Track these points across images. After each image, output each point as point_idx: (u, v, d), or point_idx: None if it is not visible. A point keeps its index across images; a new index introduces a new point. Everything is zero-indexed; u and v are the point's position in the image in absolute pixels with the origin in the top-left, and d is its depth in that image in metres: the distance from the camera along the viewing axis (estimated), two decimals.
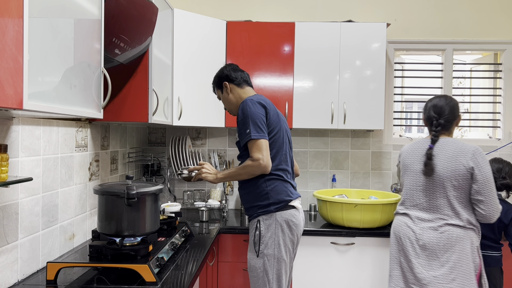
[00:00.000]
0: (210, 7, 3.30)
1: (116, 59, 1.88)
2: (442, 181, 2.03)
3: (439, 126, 2.10)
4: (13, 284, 1.58)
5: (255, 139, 1.93)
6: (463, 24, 3.27)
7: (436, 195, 2.05)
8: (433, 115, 2.11)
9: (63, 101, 1.33)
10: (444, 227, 2.01)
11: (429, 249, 2.02)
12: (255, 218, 2.02)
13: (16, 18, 1.06)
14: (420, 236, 2.05)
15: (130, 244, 1.75)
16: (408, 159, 2.18)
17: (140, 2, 1.87)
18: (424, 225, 2.06)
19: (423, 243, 2.04)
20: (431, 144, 2.09)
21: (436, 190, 2.05)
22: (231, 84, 2.15)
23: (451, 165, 2.02)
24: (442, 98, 2.13)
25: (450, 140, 2.09)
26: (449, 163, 2.02)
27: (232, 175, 2.05)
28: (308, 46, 2.90)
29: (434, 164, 2.04)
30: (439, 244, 2.00)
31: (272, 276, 1.95)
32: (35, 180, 1.70)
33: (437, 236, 2.01)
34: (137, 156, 3.02)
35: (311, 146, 3.29)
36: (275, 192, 1.99)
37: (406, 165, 2.19)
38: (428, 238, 2.03)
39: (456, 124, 2.15)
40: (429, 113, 2.14)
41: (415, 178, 2.13)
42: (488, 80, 3.43)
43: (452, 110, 2.10)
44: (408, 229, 2.10)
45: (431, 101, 2.16)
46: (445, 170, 2.02)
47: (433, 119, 2.12)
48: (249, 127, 1.94)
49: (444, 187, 2.03)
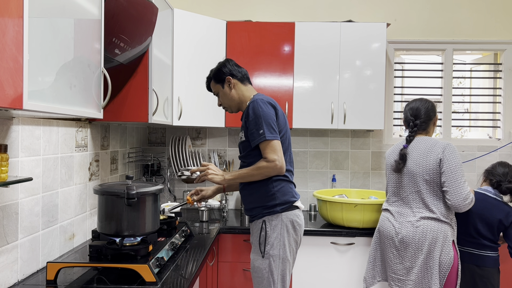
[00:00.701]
0: (210, 7, 3.31)
1: (116, 59, 1.88)
2: (414, 176, 2.18)
3: (415, 127, 2.27)
4: (13, 284, 1.58)
5: (269, 140, 1.90)
6: (463, 24, 3.27)
7: (411, 190, 2.20)
8: (410, 117, 2.29)
9: (63, 101, 1.33)
10: (420, 221, 2.14)
11: (406, 243, 2.16)
12: (260, 219, 1.99)
13: (16, 18, 1.06)
14: (399, 230, 2.19)
15: (130, 244, 1.75)
16: (389, 159, 2.36)
17: (140, 2, 1.87)
18: (403, 219, 2.20)
19: (402, 237, 2.17)
20: (405, 144, 2.26)
21: (409, 185, 2.21)
22: (235, 79, 2.08)
23: (422, 160, 2.17)
24: (418, 101, 2.31)
25: (424, 138, 2.25)
26: (421, 159, 2.17)
27: (243, 176, 1.98)
28: (308, 46, 2.90)
29: (406, 162, 2.21)
30: (414, 237, 2.13)
31: (277, 277, 1.94)
32: (35, 180, 1.70)
33: (413, 230, 2.15)
34: (137, 156, 3.02)
35: (311, 146, 3.29)
36: (281, 193, 1.97)
37: (387, 164, 2.37)
38: (406, 232, 2.16)
39: (434, 124, 2.31)
40: (406, 116, 2.32)
41: (393, 176, 2.31)
42: (488, 80, 3.43)
43: (427, 112, 2.26)
44: (389, 224, 2.26)
45: (409, 104, 2.33)
46: (417, 166, 2.18)
47: (409, 121, 2.29)
48: (262, 128, 1.90)
49: (416, 182, 2.18)
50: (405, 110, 2.34)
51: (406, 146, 2.24)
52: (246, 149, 2.02)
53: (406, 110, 2.33)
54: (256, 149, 1.96)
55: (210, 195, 2.28)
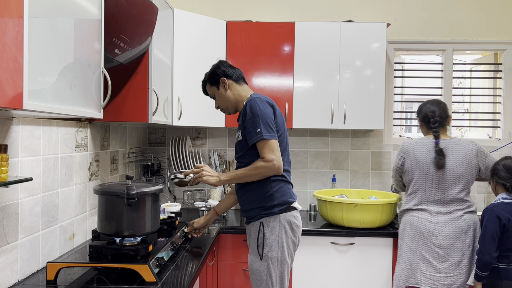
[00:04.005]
0: (210, 7, 3.31)
1: (116, 59, 1.88)
2: (455, 174, 2.24)
3: (436, 122, 2.32)
4: (13, 284, 1.58)
5: (267, 139, 1.86)
6: (463, 24, 3.27)
7: (453, 188, 2.25)
8: (430, 114, 2.34)
9: (63, 101, 1.33)
10: (463, 216, 2.23)
11: (453, 239, 2.21)
12: (257, 220, 1.95)
13: (16, 18, 1.06)
14: (444, 227, 2.23)
15: (130, 244, 1.75)
16: (421, 158, 2.30)
17: (140, 2, 1.87)
18: (446, 217, 2.24)
19: (447, 234, 2.21)
20: (436, 140, 2.29)
21: (451, 183, 2.25)
22: (230, 80, 2.05)
23: (464, 161, 2.26)
24: (434, 101, 2.41)
25: (454, 138, 2.34)
26: (461, 158, 2.26)
27: (240, 177, 1.94)
28: (308, 46, 2.90)
29: (446, 159, 2.25)
30: (461, 232, 2.21)
31: (275, 279, 1.93)
32: (35, 180, 1.70)
33: (459, 226, 2.21)
34: (137, 156, 3.02)
35: (311, 146, 3.29)
36: (280, 194, 1.94)
37: (418, 163, 2.30)
38: (451, 229, 2.21)
39: (448, 123, 2.39)
40: (425, 113, 2.37)
41: (427, 173, 2.28)
42: (488, 80, 3.43)
43: (444, 110, 2.37)
44: (430, 224, 2.25)
45: (425, 104, 2.41)
46: (459, 166, 2.25)
47: (430, 117, 2.34)
48: (259, 127, 1.86)
49: (457, 180, 2.25)
50: (421, 109, 2.40)
51: (437, 142, 2.28)
52: (243, 149, 1.98)
53: (422, 109, 2.39)
54: (253, 148, 1.93)
55: (202, 224, 2.19)
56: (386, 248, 2.63)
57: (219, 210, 2.19)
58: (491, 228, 2.10)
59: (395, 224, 2.77)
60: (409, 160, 2.33)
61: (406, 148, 2.36)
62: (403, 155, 2.37)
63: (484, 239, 2.11)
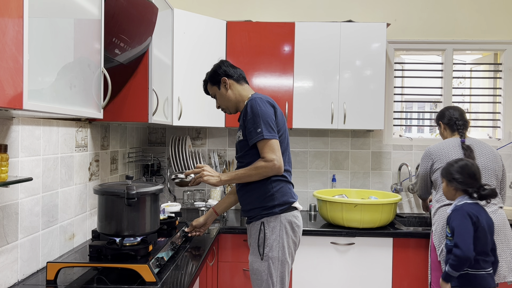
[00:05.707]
0: (210, 7, 3.31)
1: (116, 59, 1.88)
2: (485, 167, 2.35)
3: (461, 125, 2.50)
4: (13, 284, 1.58)
5: (267, 139, 1.86)
6: (463, 24, 3.27)
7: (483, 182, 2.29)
8: (455, 117, 2.53)
9: (63, 101, 1.33)
10: (498, 210, 2.31)
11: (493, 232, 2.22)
12: (258, 220, 1.96)
13: (16, 18, 1.06)
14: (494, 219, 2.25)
15: (130, 244, 1.75)
16: (446, 153, 2.40)
17: (140, 2, 1.87)
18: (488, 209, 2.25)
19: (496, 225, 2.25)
20: (462, 139, 2.44)
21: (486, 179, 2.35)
22: (231, 79, 2.05)
23: (493, 161, 2.40)
24: (454, 107, 2.60)
25: (477, 139, 2.50)
26: (491, 158, 2.40)
27: (241, 177, 1.94)
28: (308, 46, 2.90)
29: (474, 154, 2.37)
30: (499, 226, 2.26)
31: (276, 279, 1.92)
32: (35, 180, 1.70)
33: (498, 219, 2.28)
34: (137, 156, 3.02)
35: (311, 146, 3.29)
36: (280, 194, 1.94)
37: (447, 158, 2.37)
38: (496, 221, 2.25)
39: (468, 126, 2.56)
40: (449, 117, 2.55)
41: None
42: (488, 80, 3.43)
43: (465, 116, 2.56)
44: None
45: (447, 109, 2.59)
46: (491, 162, 2.38)
47: (455, 120, 2.52)
48: (260, 126, 1.86)
49: (490, 176, 2.37)
50: (445, 115, 2.56)
51: (464, 140, 2.42)
52: (244, 149, 1.98)
53: (446, 114, 2.56)
54: (253, 148, 1.93)
55: (201, 222, 2.20)
56: (386, 248, 2.63)
57: (218, 210, 2.19)
58: (466, 224, 2.02)
59: (395, 224, 2.78)
60: (438, 160, 2.42)
61: (432, 151, 2.47)
62: (431, 157, 2.46)
63: (461, 235, 2.01)
